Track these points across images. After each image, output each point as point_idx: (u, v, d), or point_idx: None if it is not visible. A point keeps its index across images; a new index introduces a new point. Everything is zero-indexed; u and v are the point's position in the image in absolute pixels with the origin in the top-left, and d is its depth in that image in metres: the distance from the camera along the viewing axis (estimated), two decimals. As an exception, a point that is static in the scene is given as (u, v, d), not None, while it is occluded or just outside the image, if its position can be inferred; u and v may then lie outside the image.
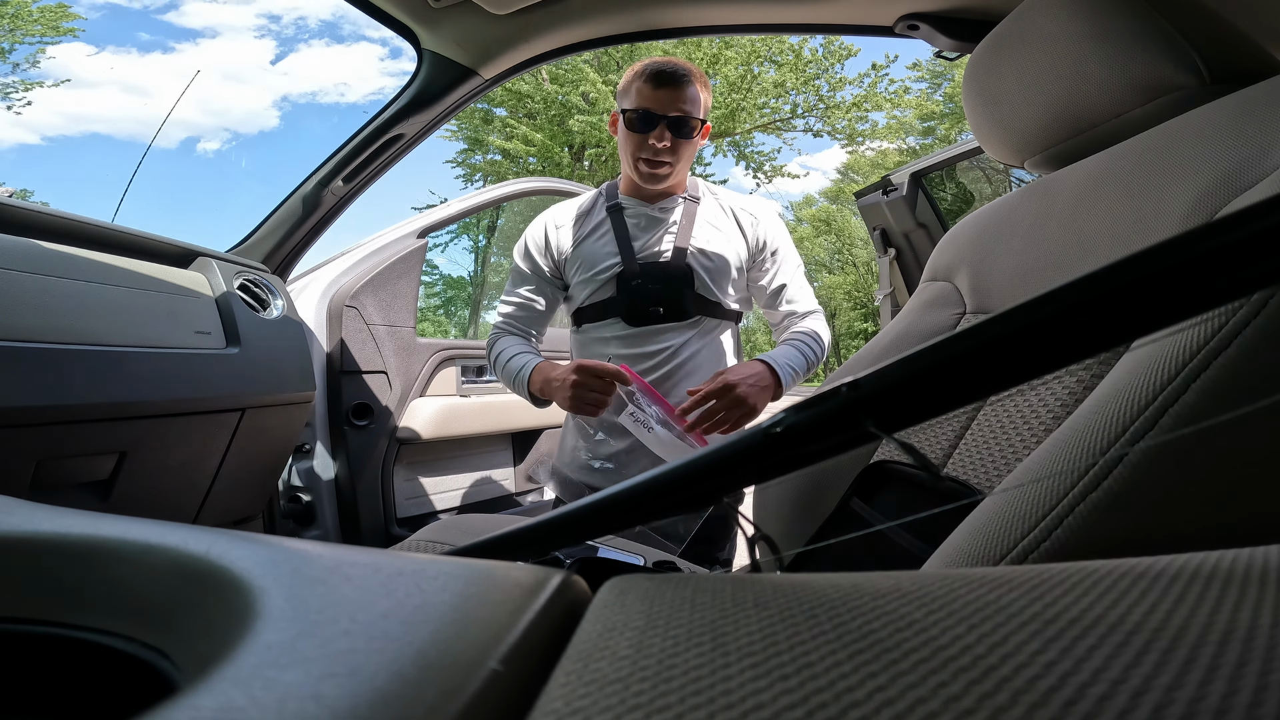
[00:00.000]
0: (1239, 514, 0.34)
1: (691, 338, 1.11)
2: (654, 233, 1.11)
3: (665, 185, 1.10)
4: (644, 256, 1.10)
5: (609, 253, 1.11)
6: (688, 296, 1.09)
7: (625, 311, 1.10)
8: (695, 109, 1.06)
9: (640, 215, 1.12)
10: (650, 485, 0.26)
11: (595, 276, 1.10)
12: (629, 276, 1.09)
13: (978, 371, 0.19)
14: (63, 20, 12.49)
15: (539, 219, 1.19)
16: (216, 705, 0.13)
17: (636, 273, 1.09)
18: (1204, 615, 0.13)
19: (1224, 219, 0.16)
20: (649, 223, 1.12)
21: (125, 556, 0.21)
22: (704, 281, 1.09)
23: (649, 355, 1.10)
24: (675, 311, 1.09)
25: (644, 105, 1.04)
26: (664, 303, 1.09)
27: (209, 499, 1.20)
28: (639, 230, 1.12)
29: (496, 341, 1.17)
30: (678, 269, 1.09)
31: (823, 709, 0.12)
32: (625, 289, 1.09)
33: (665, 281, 1.09)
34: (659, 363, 1.10)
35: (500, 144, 12.63)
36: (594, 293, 1.12)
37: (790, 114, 12.68)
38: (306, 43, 35.95)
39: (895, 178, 2.01)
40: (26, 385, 0.85)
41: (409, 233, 1.78)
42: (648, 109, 1.04)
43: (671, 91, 1.03)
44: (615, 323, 1.11)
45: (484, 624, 0.16)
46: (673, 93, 1.03)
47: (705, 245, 1.10)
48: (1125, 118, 0.61)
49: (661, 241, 1.11)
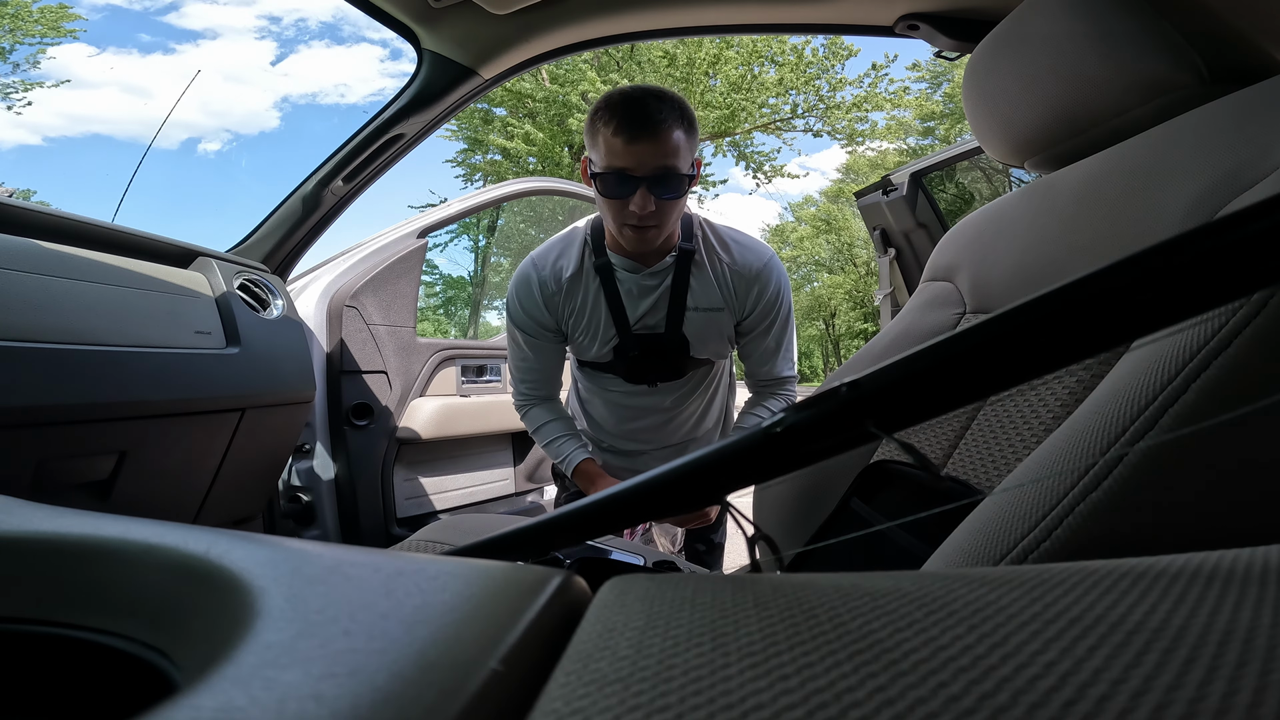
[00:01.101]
0: (1239, 514, 0.34)
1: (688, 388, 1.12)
2: (648, 300, 1.01)
3: (656, 246, 0.96)
4: (639, 328, 1.02)
5: (605, 323, 1.02)
6: (684, 363, 1.06)
7: (624, 374, 1.08)
8: (681, 160, 0.87)
9: (632, 282, 1.00)
10: (650, 485, 0.26)
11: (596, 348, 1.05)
12: (625, 349, 1.03)
13: (978, 371, 0.19)
14: (63, 20, 12.50)
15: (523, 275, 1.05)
16: (217, 705, 0.13)
17: (633, 345, 1.02)
18: (1204, 615, 0.13)
19: (1224, 219, 0.16)
20: (641, 290, 1.01)
21: (125, 556, 0.21)
22: (700, 348, 1.04)
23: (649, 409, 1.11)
24: (670, 378, 1.08)
25: (616, 164, 0.85)
26: (661, 373, 1.06)
27: (209, 499, 1.20)
28: (631, 298, 1.01)
29: (529, 413, 1.14)
30: (673, 342, 1.02)
31: (823, 709, 0.12)
32: (623, 359, 1.05)
33: (661, 354, 1.03)
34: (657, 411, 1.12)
35: (501, 143, 12.64)
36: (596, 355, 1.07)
37: (791, 114, 12.68)
38: (307, 44, 35.98)
39: (895, 178, 2.02)
40: (26, 385, 0.85)
41: (409, 233, 1.78)
42: (622, 169, 0.85)
43: (649, 145, 0.84)
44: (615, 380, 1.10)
45: (484, 624, 0.16)
46: (651, 146, 0.84)
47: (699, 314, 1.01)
48: (1125, 117, 0.61)
49: (655, 310, 1.01)
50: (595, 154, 0.89)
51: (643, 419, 1.12)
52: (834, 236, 19.54)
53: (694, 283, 1.00)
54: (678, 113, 0.86)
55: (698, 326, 1.01)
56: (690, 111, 0.89)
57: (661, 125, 0.84)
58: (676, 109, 0.86)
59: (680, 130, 0.86)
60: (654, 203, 0.87)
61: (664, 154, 0.85)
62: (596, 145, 0.88)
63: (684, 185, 0.89)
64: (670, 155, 0.85)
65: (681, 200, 0.92)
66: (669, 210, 0.90)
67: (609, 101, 0.87)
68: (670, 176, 0.87)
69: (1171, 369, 0.35)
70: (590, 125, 0.89)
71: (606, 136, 0.85)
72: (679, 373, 1.08)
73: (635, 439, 1.14)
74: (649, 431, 1.13)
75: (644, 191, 0.86)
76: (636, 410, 1.12)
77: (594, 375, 1.12)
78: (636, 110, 0.84)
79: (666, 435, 1.14)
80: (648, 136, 0.84)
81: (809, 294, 21.19)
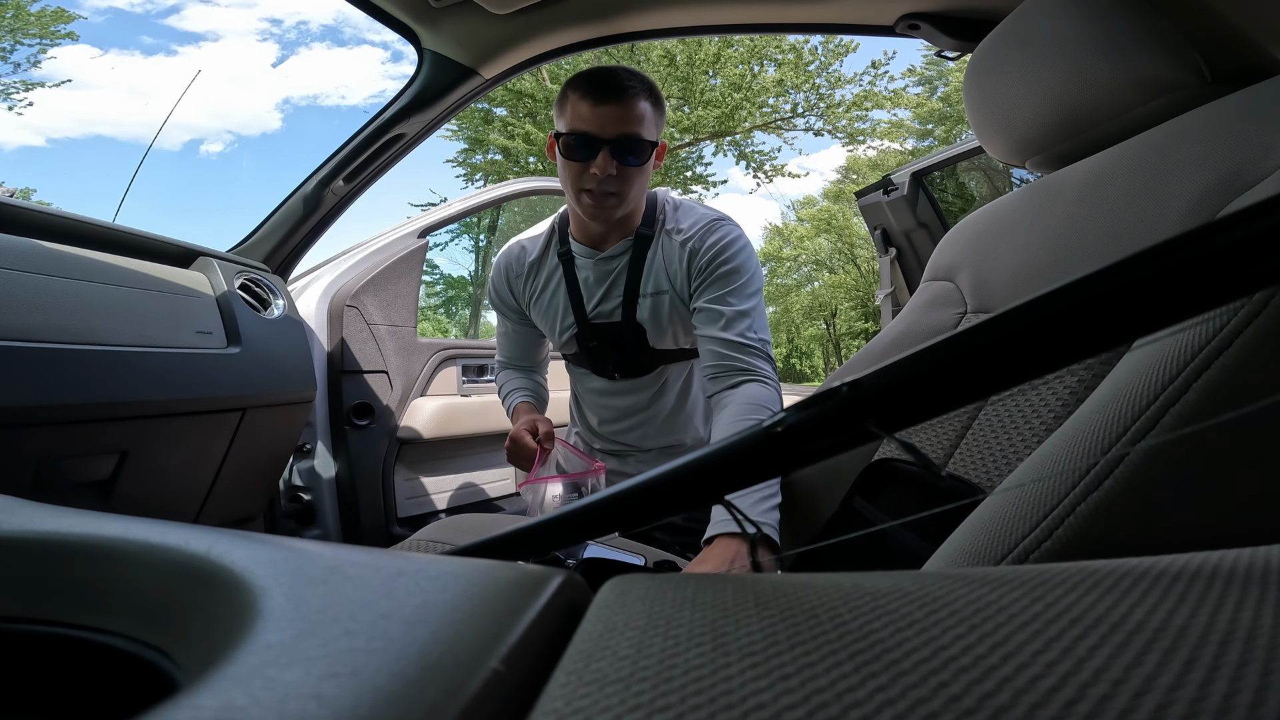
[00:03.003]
0: (1240, 514, 0.34)
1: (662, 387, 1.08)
2: (603, 288, 1.00)
3: (614, 219, 0.93)
4: (596, 316, 1.02)
5: (564, 310, 1.03)
6: (643, 355, 1.03)
7: (590, 367, 1.08)
8: (645, 128, 0.88)
9: (589, 269, 1.00)
10: (650, 485, 0.26)
11: (558, 335, 1.06)
12: (584, 339, 1.03)
13: (978, 371, 0.19)
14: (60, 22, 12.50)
15: (499, 258, 1.09)
16: (217, 705, 0.13)
17: (591, 335, 1.02)
18: (1205, 615, 0.13)
19: (1225, 218, 0.16)
20: (597, 277, 1.00)
21: (126, 556, 0.21)
22: (657, 336, 1.00)
23: (625, 410, 1.09)
24: (634, 370, 1.05)
25: (581, 127, 0.86)
26: (620, 366, 1.05)
27: (210, 499, 1.20)
28: (588, 286, 1.01)
29: (498, 374, 1.20)
30: (629, 331, 1.00)
31: (824, 709, 0.12)
32: (584, 350, 1.05)
33: (618, 345, 1.02)
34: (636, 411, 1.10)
35: (502, 143, 12.63)
36: (562, 345, 1.08)
37: (791, 113, 12.67)
38: (308, 46, 36.00)
39: (896, 177, 2.01)
40: (27, 385, 0.85)
41: (409, 232, 1.78)
42: (586, 132, 0.86)
43: (615, 108, 0.85)
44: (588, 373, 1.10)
45: (485, 624, 0.16)
46: (617, 110, 0.85)
47: (651, 300, 0.98)
48: (1126, 117, 0.61)
49: (610, 297, 1.00)
50: (561, 121, 0.90)
51: (624, 419, 1.11)
52: (834, 236, 19.55)
53: (649, 267, 0.98)
54: (645, 87, 0.88)
55: (652, 312, 0.98)
56: (659, 91, 0.91)
57: (628, 91, 0.86)
58: (645, 84, 0.89)
59: (646, 102, 0.88)
60: (615, 167, 0.87)
61: (629, 119, 0.86)
62: (564, 113, 0.89)
63: (647, 153, 0.89)
64: (635, 122, 0.87)
65: (644, 171, 0.91)
66: (630, 179, 0.90)
67: (580, 73, 0.90)
68: (633, 142, 0.87)
69: (1172, 369, 0.35)
70: (560, 96, 0.90)
71: (574, 101, 0.87)
72: (643, 365, 1.04)
73: (620, 440, 1.13)
74: (630, 432, 1.11)
75: (606, 154, 0.87)
76: (616, 410, 1.11)
77: (574, 372, 1.14)
78: (605, 76, 0.87)
79: (650, 438, 1.11)
80: (614, 100, 0.85)
81: (809, 294, 21.20)
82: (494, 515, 1.27)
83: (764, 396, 0.88)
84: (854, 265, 19.61)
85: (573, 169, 0.89)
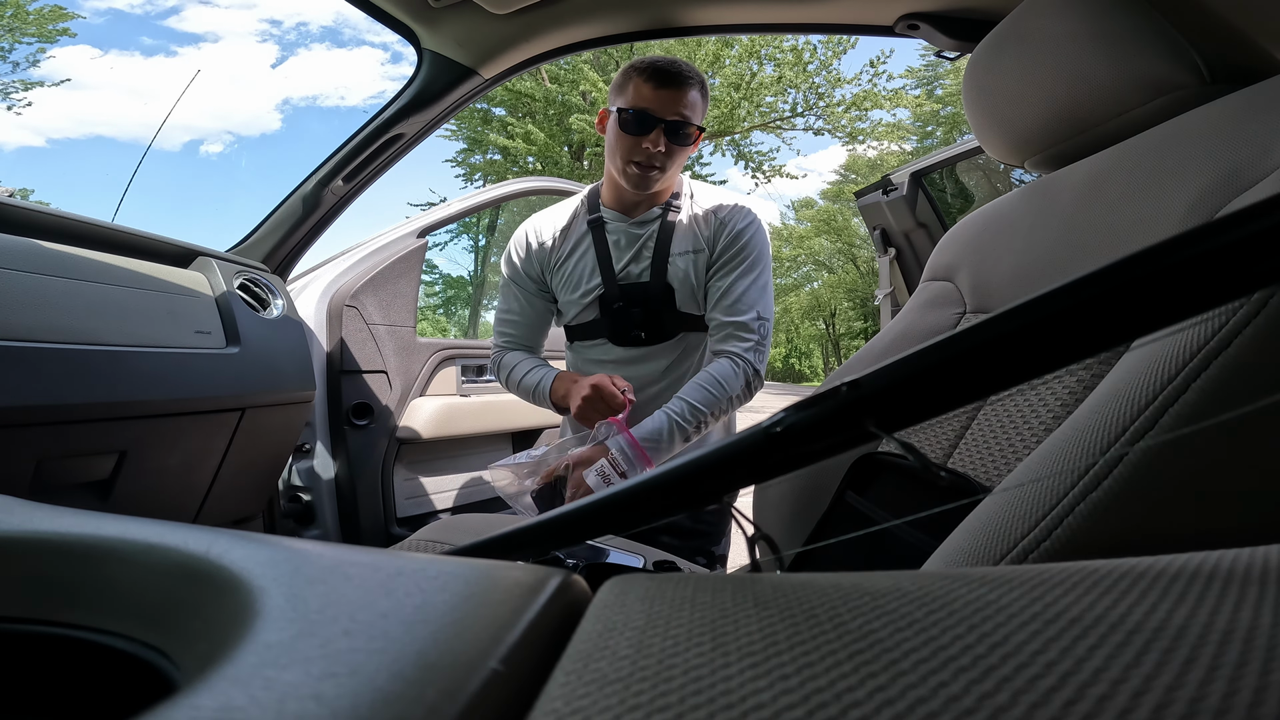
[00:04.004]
0: (1239, 514, 0.34)
1: (680, 355, 1.10)
2: (633, 250, 1.07)
3: (654, 190, 1.05)
4: (624, 278, 1.07)
5: (590, 273, 1.08)
6: (669, 317, 1.07)
7: (610, 334, 1.09)
8: (694, 114, 1.00)
9: (620, 232, 1.08)
10: (650, 485, 0.26)
11: (579, 299, 1.09)
12: (610, 299, 1.07)
13: (978, 371, 0.19)
14: (57, 21, 12.48)
15: (521, 229, 1.15)
16: (217, 705, 0.13)
17: (617, 295, 1.06)
18: (1204, 615, 0.13)
19: (1224, 218, 0.16)
20: (628, 240, 1.08)
21: (125, 556, 0.21)
22: (685, 298, 1.06)
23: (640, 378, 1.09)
24: (658, 333, 1.08)
25: (642, 105, 0.98)
26: (646, 326, 1.07)
27: (209, 499, 1.20)
28: (619, 249, 1.08)
29: (502, 359, 1.17)
30: (657, 290, 1.05)
31: (823, 709, 0.12)
32: (608, 312, 1.08)
33: (646, 304, 1.06)
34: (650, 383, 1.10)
35: (502, 142, 12.63)
36: (579, 313, 1.11)
37: (790, 112, 12.67)
38: (308, 47, 35.97)
39: (895, 177, 2.02)
40: (26, 385, 0.85)
41: (409, 232, 1.78)
42: (646, 109, 0.98)
43: (673, 93, 0.98)
44: (603, 344, 1.11)
45: (484, 624, 0.16)
46: (674, 94, 0.98)
47: (682, 260, 1.06)
48: (1125, 117, 0.61)
49: (640, 259, 1.07)
50: (622, 99, 1.00)
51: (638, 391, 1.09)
52: (834, 236, 19.55)
53: (678, 230, 1.07)
54: (698, 79, 1.01)
55: (681, 272, 1.05)
56: (707, 84, 1.03)
57: (687, 80, 0.99)
58: (697, 76, 1.01)
59: (697, 91, 1.00)
60: (665, 144, 0.99)
61: (683, 104, 0.99)
62: (625, 91, 1.00)
63: (692, 137, 1.01)
64: (688, 107, 0.99)
65: (686, 151, 1.03)
66: (675, 155, 1.02)
67: (645, 58, 1.01)
68: (684, 125, 1.00)
69: (1172, 369, 0.35)
70: (622, 76, 1.02)
71: (638, 83, 0.99)
72: (666, 330, 1.07)
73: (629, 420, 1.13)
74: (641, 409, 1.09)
75: (660, 132, 0.99)
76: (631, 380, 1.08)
77: (585, 348, 1.13)
78: (667, 64, 0.99)
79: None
80: (673, 85, 0.98)
81: (809, 294, 21.21)
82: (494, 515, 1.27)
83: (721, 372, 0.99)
84: (853, 265, 19.62)
85: (627, 141, 1.00)
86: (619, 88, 1.02)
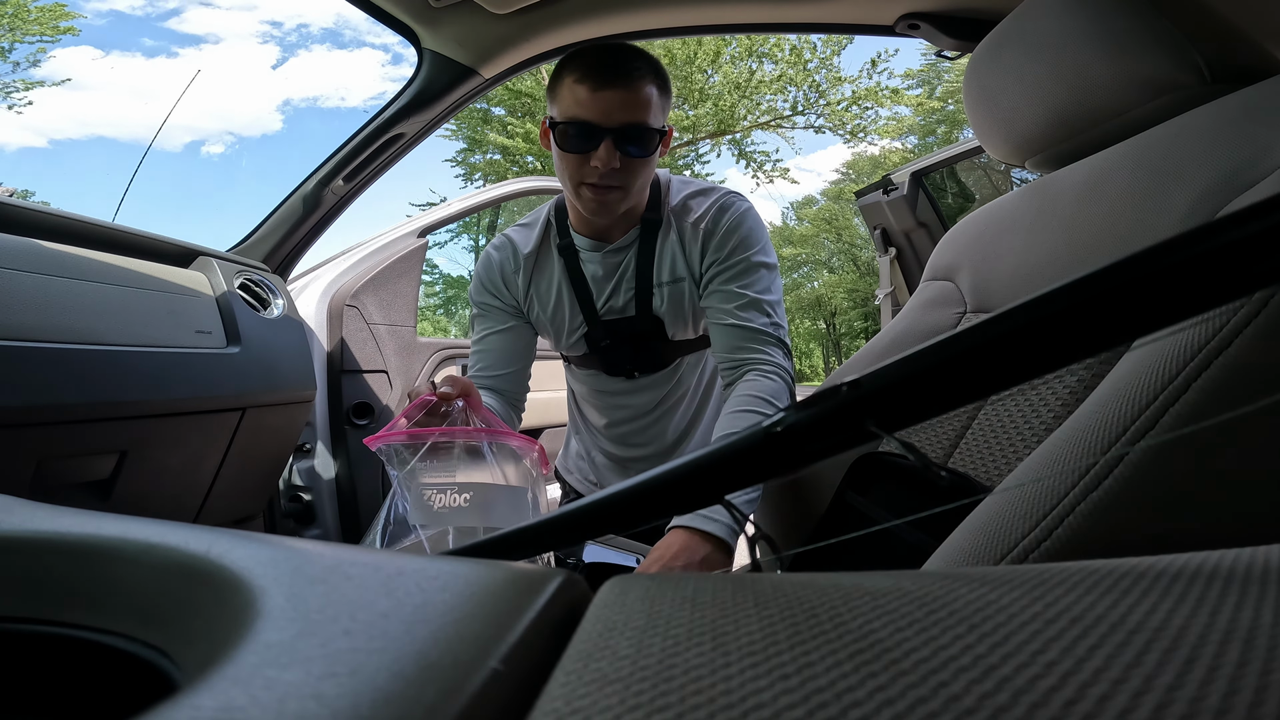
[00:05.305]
0: (1240, 513, 0.34)
1: (681, 376, 1.01)
2: (612, 282, 0.92)
3: (618, 213, 0.84)
4: (607, 313, 0.93)
5: (571, 311, 0.94)
6: (663, 348, 0.95)
7: (602, 368, 0.99)
8: (651, 114, 0.78)
9: (595, 262, 0.91)
10: (650, 485, 0.26)
11: (565, 339, 0.97)
12: (596, 339, 0.94)
13: (978, 371, 0.19)
14: (60, 19, 12.49)
15: (486, 259, 0.97)
16: (217, 705, 0.13)
17: (603, 334, 0.94)
18: (1205, 615, 0.13)
19: (1224, 218, 0.16)
20: (607, 270, 0.91)
21: (125, 556, 0.21)
22: (676, 328, 0.93)
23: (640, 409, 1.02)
24: (651, 366, 0.97)
25: (580, 115, 0.76)
26: (638, 363, 0.96)
27: (209, 498, 1.20)
28: (597, 281, 0.92)
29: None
30: (645, 325, 0.92)
31: (823, 709, 0.12)
32: (596, 350, 0.96)
33: (634, 340, 0.94)
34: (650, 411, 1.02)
35: (502, 142, 12.63)
36: (569, 347, 0.99)
37: (791, 110, 12.67)
38: (308, 48, 35.97)
39: (896, 177, 2.02)
40: (26, 385, 0.85)
41: (409, 232, 1.78)
42: (585, 120, 0.76)
43: (618, 94, 0.75)
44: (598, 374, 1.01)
45: (484, 623, 0.16)
46: (620, 95, 0.76)
47: (668, 289, 0.90)
48: (1126, 117, 0.61)
49: (622, 290, 0.92)
50: (557, 107, 0.79)
51: (635, 420, 1.03)
52: (834, 236, 19.56)
53: (660, 256, 0.89)
54: (651, 68, 0.79)
55: (671, 302, 0.90)
56: (665, 72, 0.81)
57: (633, 74, 0.76)
58: (650, 64, 0.79)
59: (653, 86, 0.78)
60: (619, 159, 0.77)
61: (634, 105, 0.76)
62: (559, 97, 0.79)
63: (653, 143, 0.80)
64: (640, 108, 0.77)
65: (649, 162, 0.81)
66: (635, 170, 0.80)
67: (576, 51, 0.79)
68: (639, 131, 0.78)
69: (1172, 369, 0.35)
70: (554, 76, 0.80)
71: (570, 84, 0.77)
72: (661, 361, 0.97)
73: (629, 443, 1.05)
74: (641, 433, 1.04)
75: (609, 145, 0.76)
76: (626, 409, 1.03)
77: (579, 375, 1.05)
78: (606, 57, 0.77)
79: (661, 437, 1.04)
80: (618, 84, 0.76)
81: (809, 293, 21.22)
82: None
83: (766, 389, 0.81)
84: (854, 265, 19.62)
85: (571, 161, 0.80)
86: (552, 92, 0.81)
